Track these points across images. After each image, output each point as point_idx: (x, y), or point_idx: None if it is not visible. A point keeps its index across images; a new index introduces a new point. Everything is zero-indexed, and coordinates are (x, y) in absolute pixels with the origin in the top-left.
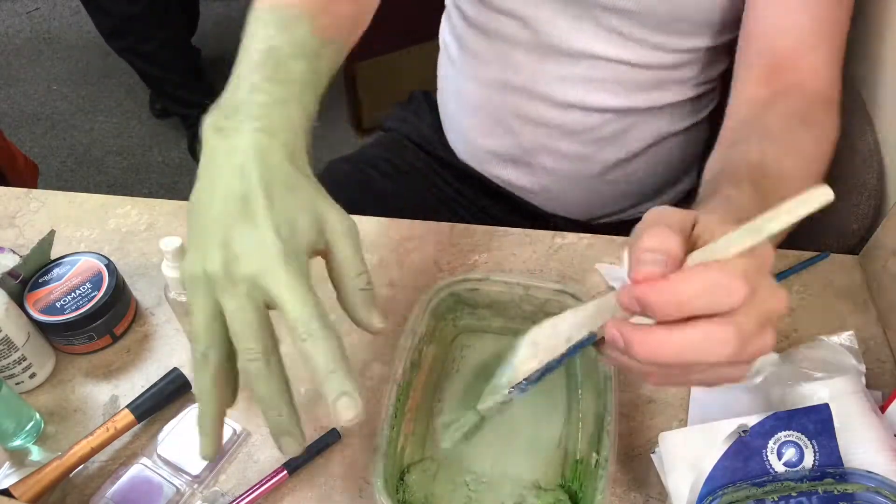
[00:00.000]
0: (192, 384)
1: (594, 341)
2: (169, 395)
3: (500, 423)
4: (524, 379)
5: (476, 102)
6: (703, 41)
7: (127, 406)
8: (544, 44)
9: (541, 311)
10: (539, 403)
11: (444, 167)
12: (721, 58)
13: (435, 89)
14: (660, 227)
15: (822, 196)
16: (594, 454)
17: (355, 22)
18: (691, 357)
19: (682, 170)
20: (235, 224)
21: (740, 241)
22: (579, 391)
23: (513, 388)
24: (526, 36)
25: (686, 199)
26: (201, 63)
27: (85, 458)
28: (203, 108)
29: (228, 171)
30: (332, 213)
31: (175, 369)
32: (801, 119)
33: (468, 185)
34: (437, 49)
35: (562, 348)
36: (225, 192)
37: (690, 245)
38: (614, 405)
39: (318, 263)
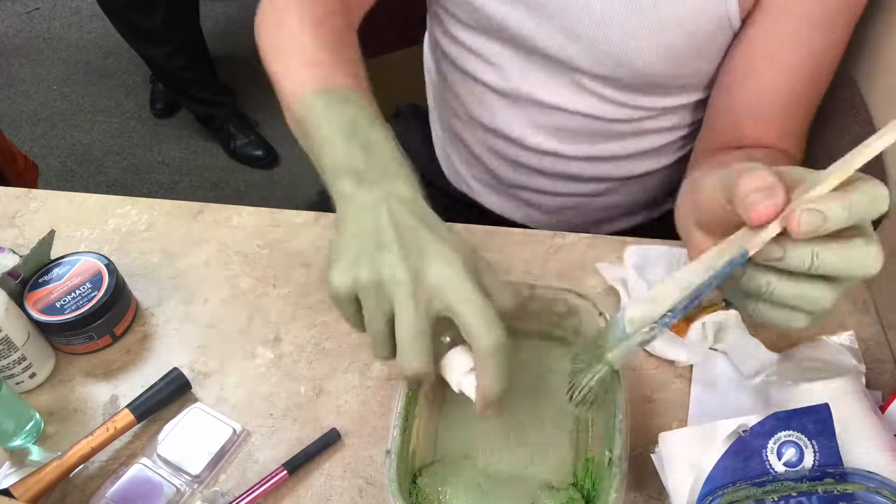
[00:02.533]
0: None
1: (747, 257)
2: (169, 395)
3: (511, 424)
4: (669, 311)
5: (455, 131)
6: (682, 100)
7: (127, 406)
8: (518, 92)
9: (548, 310)
10: (548, 403)
11: (432, 188)
12: (702, 105)
13: (425, 96)
14: (758, 169)
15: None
16: (607, 452)
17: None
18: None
19: (674, 188)
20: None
21: (835, 176)
22: None
23: (656, 323)
24: (500, 82)
25: None
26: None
27: (85, 458)
28: (223, 106)
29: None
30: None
31: (175, 369)
32: (768, 160)
33: (456, 209)
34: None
35: (701, 277)
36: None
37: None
38: (625, 403)
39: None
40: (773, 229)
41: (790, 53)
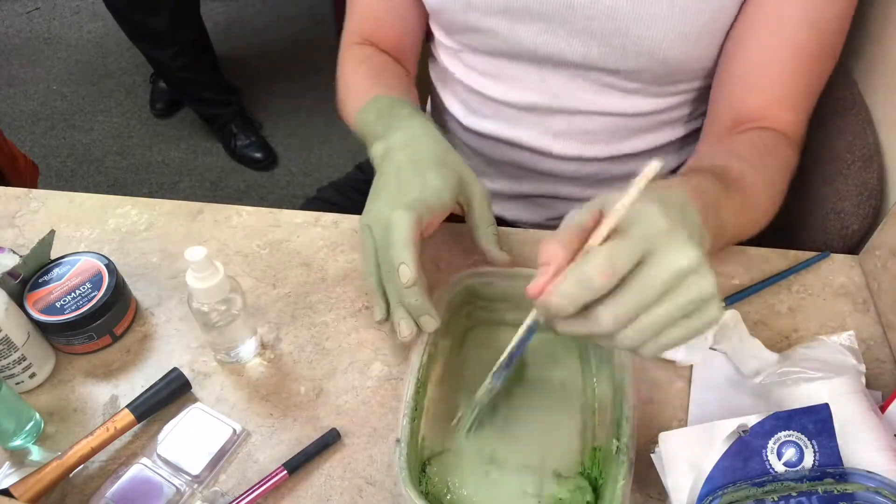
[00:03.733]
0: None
1: (538, 326)
2: (169, 395)
3: (519, 414)
4: (495, 370)
5: (470, 146)
6: (696, 83)
7: (127, 406)
8: (537, 103)
9: None
10: (556, 393)
11: None
12: (699, 83)
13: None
14: (551, 241)
15: (655, 167)
16: (614, 441)
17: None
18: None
19: None
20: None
21: (606, 226)
22: (594, 380)
23: (492, 375)
24: (520, 97)
25: None
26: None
27: (85, 458)
28: (228, 106)
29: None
30: (473, 181)
31: (175, 369)
32: (765, 147)
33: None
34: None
35: (512, 343)
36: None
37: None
38: (632, 392)
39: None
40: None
41: (792, 18)
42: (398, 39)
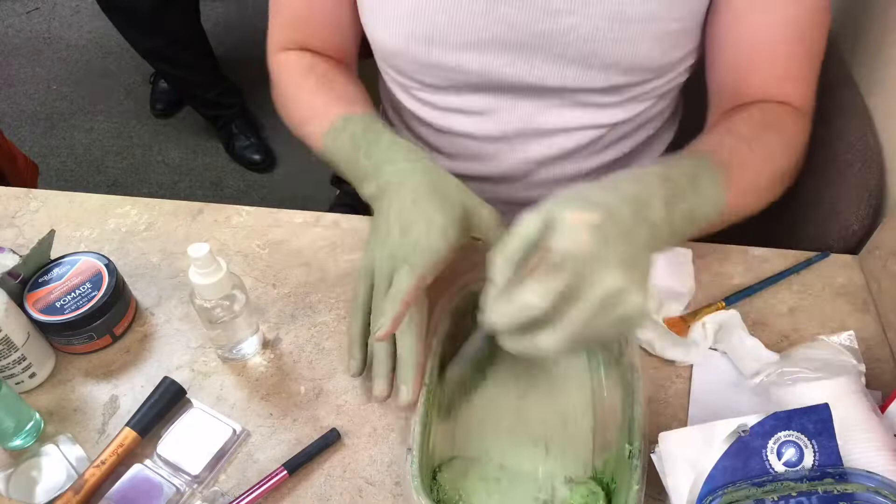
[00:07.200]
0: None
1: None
2: (167, 404)
3: (529, 418)
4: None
5: None
6: (677, 79)
7: (127, 424)
8: (510, 131)
9: None
10: (566, 397)
11: None
12: (681, 77)
13: None
14: (498, 257)
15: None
16: (626, 445)
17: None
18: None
19: None
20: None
21: (544, 266)
22: (604, 383)
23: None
24: (490, 128)
25: None
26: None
27: (98, 484)
28: (232, 107)
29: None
30: (477, 205)
31: (165, 378)
32: (763, 122)
33: None
34: None
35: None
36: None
37: None
38: (643, 396)
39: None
40: None
41: None
42: (337, 45)
